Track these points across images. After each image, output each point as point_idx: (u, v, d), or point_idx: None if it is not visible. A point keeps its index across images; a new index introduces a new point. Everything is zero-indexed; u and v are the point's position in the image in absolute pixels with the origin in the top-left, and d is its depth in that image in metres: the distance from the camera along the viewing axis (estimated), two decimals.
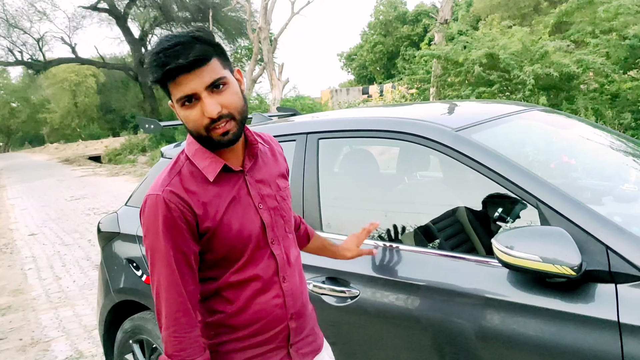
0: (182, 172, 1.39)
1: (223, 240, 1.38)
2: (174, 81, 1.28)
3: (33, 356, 4.06)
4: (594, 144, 2.61)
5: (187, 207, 1.34)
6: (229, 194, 1.41)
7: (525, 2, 26.96)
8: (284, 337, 1.51)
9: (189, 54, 1.26)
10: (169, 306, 1.35)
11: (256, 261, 1.44)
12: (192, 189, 1.36)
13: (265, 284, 1.45)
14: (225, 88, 1.32)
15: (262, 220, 1.45)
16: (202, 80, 1.28)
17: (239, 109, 1.35)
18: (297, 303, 1.53)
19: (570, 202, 1.66)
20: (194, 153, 1.41)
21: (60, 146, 42.86)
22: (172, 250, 1.33)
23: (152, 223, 1.34)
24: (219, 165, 1.39)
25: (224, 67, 1.34)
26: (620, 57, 8.72)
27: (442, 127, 2.03)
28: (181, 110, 1.33)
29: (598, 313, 1.53)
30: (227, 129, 1.33)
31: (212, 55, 1.30)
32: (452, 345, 1.82)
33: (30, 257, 7.34)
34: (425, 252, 2.02)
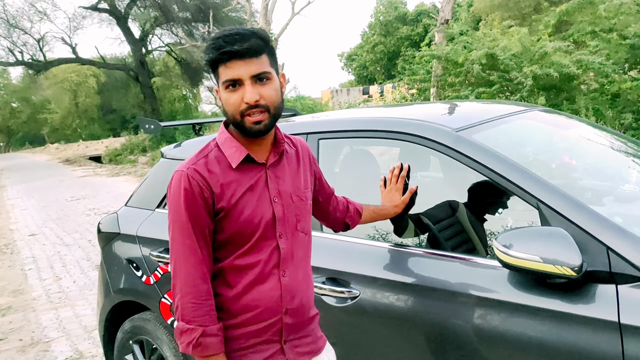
0: (209, 156, 1.52)
1: (234, 223, 1.48)
2: (225, 64, 1.43)
3: (33, 356, 4.06)
4: (595, 144, 2.61)
5: (206, 185, 1.46)
6: (248, 182, 1.51)
7: (525, 2, 26.94)
8: (277, 330, 1.55)
9: (245, 43, 1.41)
10: (187, 274, 1.45)
11: (261, 250, 1.52)
12: (215, 170, 1.49)
13: (264, 274, 1.52)
14: (268, 83, 1.46)
15: (274, 213, 1.53)
16: (250, 69, 1.42)
17: (275, 104, 1.48)
18: (294, 300, 1.57)
19: (570, 203, 1.66)
20: (224, 141, 1.54)
21: (60, 146, 42.87)
22: (191, 222, 1.45)
23: (175, 196, 1.47)
24: (243, 154, 1.51)
25: (271, 65, 1.48)
26: (620, 57, 8.71)
27: (443, 127, 2.03)
28: (224, 93, 1.46)
29: (599, 314, 1.52)
30: (260, 118, 1.45)
31: (264, 50, 1.45)
32: (453, 346, 1.81)
33: (31, 257, 7.34)
34: (426, 253, 2.02)
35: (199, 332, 1.43)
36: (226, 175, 1.49)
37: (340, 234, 2.22)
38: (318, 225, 2.23)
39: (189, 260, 1.45)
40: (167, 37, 31.87)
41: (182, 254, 1.46)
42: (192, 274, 1.45)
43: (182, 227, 1.45)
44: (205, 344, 1.43)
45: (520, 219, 2.33)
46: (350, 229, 1.99)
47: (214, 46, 1.43)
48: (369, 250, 2.11)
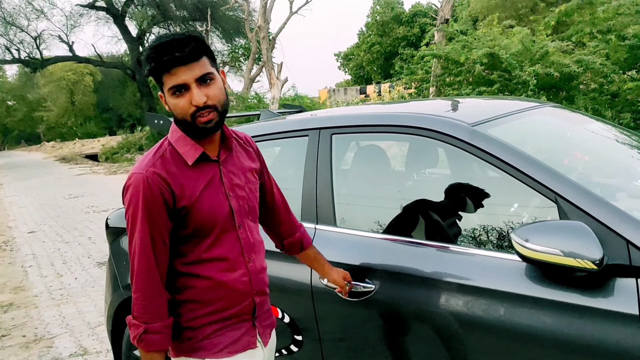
0: (165, 155, 1.57)
1: (195, 218, 1.56)
2: (168, 72, 1.48)
3: (37, 353, 4.04)
4: (607, 140, 2.62)
5: (166, 186, 1.52)
6: (204, 178, 1.59)
7: (522, 3, 27.03)
8: (249, 310, 1.69)
9: (185, 49, 1.46)
10: (139, 273, 1.53)
11: (223, 242, 1.62)
12: (172, 170, 1.55)
13: (232, 264, 1.63)
14: (212, 83, 1.52)
15: (230, 206, 1.62)
16: (193, 73, 1.48)
17: (222, 102, 1.55)
18: (260, 281, 1.72)
19: (590, 197, 1.66)
20: (177, 140, 1.59)
21: (56, 144, 42.71)
22: (148, 224, 1.51)
23: (134, 198, 1.52)
24: (198, 152, 1.58)
25: (211, 66, 1.54)
26: (619, 57, 8.75)
27: (458, 122, 2.03)
28: (171, 99, 1.52)
29: (619, 307, 1.53)
30: (210, 118, 1.52)
31: (203, 53, 1.51)
32: (469, 341, 1.82)
33: (31, 254, 7.31)
34: (441, 247, 2.02)
35: (142, 329, 1.52)
36: (184, 174, 1.56)
37: (356, 228, 2.22)
38: (332, 220, 2.24)
39: (142, 262, 1.52)
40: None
41: (137, 254, 1.53)
42: (144, 275, 1.53)
43: (139, 229, 1.52)
44: (147, 340, 1.53)
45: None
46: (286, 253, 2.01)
47: (154, 55, 1.47)
48: (384, 244, 2.11)
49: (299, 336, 2.25)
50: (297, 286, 2.21)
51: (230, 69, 32.80)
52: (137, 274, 1.53)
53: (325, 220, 2.25)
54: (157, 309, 1.54)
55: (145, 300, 1.53)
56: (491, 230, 2.48)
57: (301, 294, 2.20)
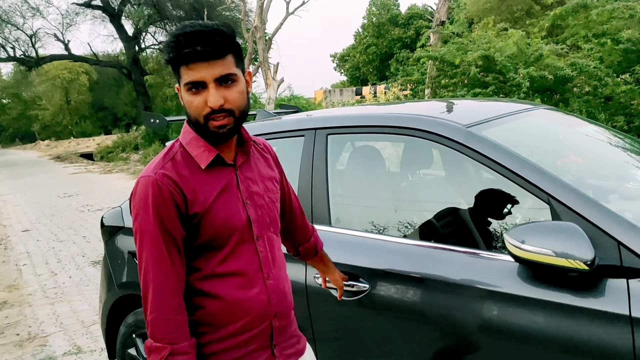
0: (176, 158, 1.43)
1: (209, 227, 1.40)
2: (187, 65, 1.33)
3: (31, 351, 4.04)
4: (600, 142, 2.65)
5: (177, 189, 1.37)
6: (219, 184, 1.44)
7: (518, 6, 27.13)
8: (267, 335, 1.50)
9: (209, 44, 1.31)
10: (157, 288, 1.35)
11: (240, 255, 1.45)
12: (184, 174, 1.40)
13: (249, 280, 1.46)
14: (233, 85, 1.37)
15: (248, 215, 1.47)
16: (214, 71, 1.33)
17: (241, 107, 1.40)
18: (281, 303, 1.53)
19: (582, 198, 1.69)
20: (189, 141, 1.45)
21: (51, 143, 42.57)
22: (161, 231, 1.36)
23: (142, 204, 1.37)
24: (212, 155, 1.43)
25: (236, 65, 1.39)
26: (613, 61, 8.80)
27: (453, 123, 2.05)
28: (186, 95, 1.37)
29: (610, 307, 1.55)
30: (224, 122, 1.37)
31: (229, 51, 1.36)
32: (462, 340, 1.83)
33: (25, 253, 7.29)
34: (436, 247, 2.04)
35: (167, 351, 1.34)
36: (197, 178, 1.41)
37: (351, 228, 2.24)
38: (327, 220, 2.25)
39: (158, 274, 1.36)
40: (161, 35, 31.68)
41: (151, 266, 1.36)
42: (162, 289, 1.36)
43: (152, 238, 1.36)
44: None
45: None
46: (300, 259, 1.95)
47: (174, 44, 1.32)
48: (378, 244, 2.12)
49: None
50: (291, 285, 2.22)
51: None
52: (155, 291, 1.35)
53: (320, 220, 2.26)
54: (181, 328, 1.36)
55: (167, 319, 1.35)
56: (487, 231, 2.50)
57: (295, 293, 2.19)
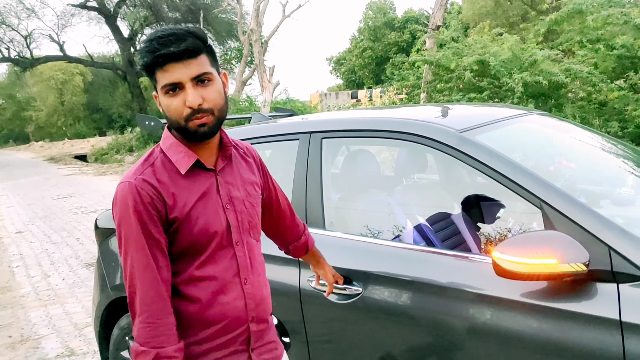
0: (155, 164, 1.43)
1: (188, 233, 1.41)
2: (162, 68, 1.34)
3: (23, 353, 4.02)
4: (592, 148, 2.67)
5: (157, 195, 1.38)
6: (198, 189, 1.44)
7: (513, 11, 27.29)
8: (244, 339, 1.52)
9: (181, 44, 1.33)
10: (143, 292, 1.36)
11: (218, 259, 1.46)
12: (164, 179, 1.41)
13: (226, 284, 1.46)
14: (210, 84, 1.38)
15: (227, 221, 1.48)
16: (189, 71, 1.34)
17: (219, 106, 1.41)
18: (259, 307, 1.54)
19: (574, 204, 1.70)
20: (169, 146, 1.46)
21: (45, 144, 42.39)
22: (144, 236, 1.36)
23: (124, 209, 1.38)
24: (192, 160, 1.44)
25: (211, 65, 1.40)
26: (608, 67, 8.86)
27: (447, 128, 2.06)
28: (164, 99, 1.38)
29: (601, 312, 1.56)
30: (204, 121, 1.37)
31: (202, 50, 1.38)
32: (454, 344, 1.84)
33: (18, 254, 7.26)
34: (428, 251, 2.05)
35: (152, 354, 1.33)
36: (176, 184, 1.42)
37: (344, 231, 2.25)
38: (321, 224, 2.26)
39: (144, 278, 1.36)
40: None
41: (137, 270, 1.36)
42: (148, 292, 1.35)
43: (136, 242, 1.36)
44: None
45: None
46: (290, 256, 1.95)
47: (148, 49, 1.34)
48: (372, 247, 2.13)
49: (287, 338, 2.26)
50: (285, 288, 2.23)
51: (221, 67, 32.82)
52: (142, 294, 1.35)
53: (314, 224, 2.27)
54: (168, 331, 1.36)
55: (153, 323, 1.34)
56: (479, 235, 2.52)
57: (289, 295, 2.22)
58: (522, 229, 2.28)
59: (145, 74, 1.41)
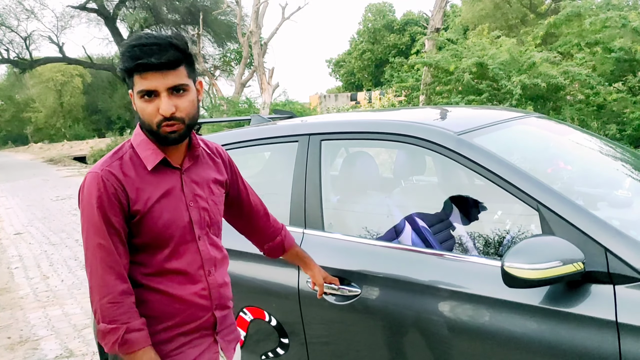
0: (124, 158, 1.52)
1: (150, 227, 1.49)
2: (140, 75, 1.42)
3: (22, 354, 4.03)
4: (590, 150, 2.68)
5: (120, 187, 1.46)
6: (163, 186, 1.53)
7: (512, 14, 27.34)
8: (210, 324, 1.62)
9: (162, 56, 1.40)
10: (104, 274, 1.44)
11: (183, 253, 1.55)
12: (129, 173, 1.49)
13: (191, 276, 1.56)
14: (184, 94, 1.47)
15: (190, 217, 1.56)
16: (166, 81, 1.43)
17: (191, 115, 1.49)
18: (222, 296, 1.65)
19: (571, 206, 1.71)
20: (139, 143, 1.54)
21: (44, 146, 42.37)
22: (105, 224, 1.44)
23: (88, 197, 1.46)
24: (159, 157, 1.52)
25: (188, 76, 1.48)
26: (606, 69, 8.89)
27: (445, 130, 2.07)
28: (139, 102, 1.46)
29: (597, 313, 1.57)
30: (174, 129, 1.46)
31: (182, 62, 1.46)
32: (452, 345, 1.85)
33: (17, 256, 7.27)
34: (426, 253, 2.06)
35: (122, 329, 1.41)
36: (142, 179, 1.50)
37: (343, 233, 2.26)
38: (320, 225, 2.27)
39: (104, 262, 1.44)
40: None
41: (98, 255, 1.44)
42: (110, 275, 1.43)
43: (96, 229, 1.44)
44: (131, 340, 1.43)
45: None
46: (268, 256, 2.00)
47: (129, 55, 1.40)
48: (370, 249, 2.14)
49: (286, 339, 2.27)
50: (284, 289, 2.24)
51: (221, 73, 32.77)
52: (102, 277, 1.43)
53: (313, 225, 2.28)
54: (131, 309, 1.45)
55: (118, 302, 1.43)
56: (477, 237, 2.53)
57: (288, 297, 2.23)
58: (520, 230, 2.29)
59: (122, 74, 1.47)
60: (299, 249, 2.03)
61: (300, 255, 2.02)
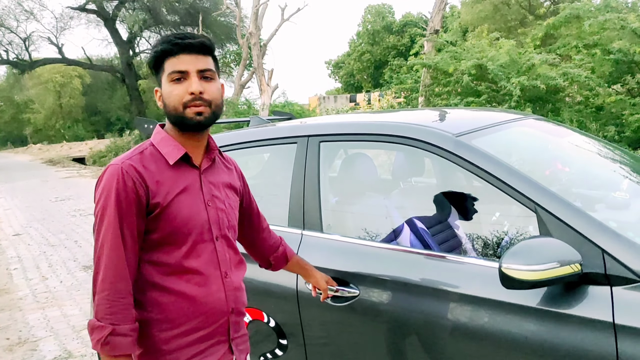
0: (144, 152, 1.53)
1: (169, 222, 1.49)
2: (174, 56, 1.49)
3: (21, 355, 4.03)
4: (587, 152, 2.69)
5: (141, 180, 1.46)
6: (183, 182, 1.54)
7: (511, 16, 27.37)
8: (224, 330, 1.60)
9: (196, 39, 1.51)
10: (107, 269, 1.43)
11: (200, 253, 1.54)
12: (150, 167, 1.50)
13: (208, 278, 1.55)
14: (212, 81, 1.53)
15: (208, 216, 1.56)
16: (198, 63, 1.50)
17: (217, 102, 1.54)
18: (238, 299, 1.63)
19: (568, 207, 1.72)
20: (160, 140, 1.56)
21: (43, 147, 42.31)
22: (119, 218, 1.43)
23: (107, 189, 1.46)
24: (181, 152, 1.54)
25: (215, 69, 1.56)
26: (605, 71, 8.90)
27: (443, 132, 2.08)
28: (168, 86, 1.50)
29: (594, 314, 1.58)
30: (202, 110, 1.49)
31: (211, 53, 1.55)
32: (451, 346, 1.86)
33: (16, 257, 7.26)
34: (425, 254, 2.07)
35: (108, 330, 1.40)
36: (162, 173, 1.50)
37: (342, 234, 2.26)
38: (318, 227, 2.27)
39: (111, 257, 1.43)
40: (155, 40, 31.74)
41: (106, 249, 1.43)
42: (113, 272, 1.42)
43: (110, 222, 1.43)
44: (113, 343, 1.40)
45: None
46: (272, 270, 1.98)
47: (164, 40, 1.50)
48: (369, 250, 2.15)
49: (284, 340, 2.28)
50: (283, 290, 2.25)
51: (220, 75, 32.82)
52: (106, 270, 1.42)
53: (312, 227, 2.28)
54: (125, 310, 1.43)
55: (113, 300, 1.41)
56: (476, 239, 2.54)
57: (287, 298, 2.23)
58: (517, 232, 2.30)
59: (150, 66, 1.55)
60: (299, 257, 2.03)
61: (301, 264, 2.02)
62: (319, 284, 2.02)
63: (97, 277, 1.44)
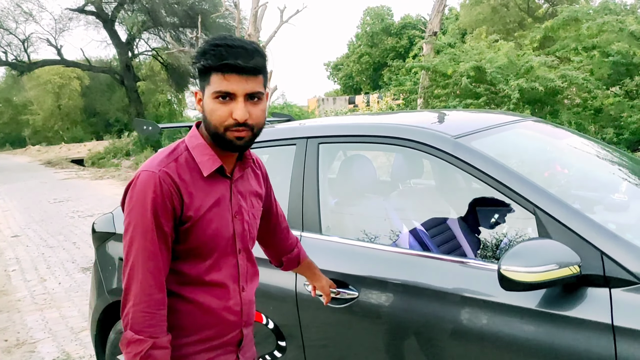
0: (179, 160, 1.46)
1: (200, 234, 1.45)
2: (222, 75, 1.37)
3: (19, 357, 4.02)
4: (586, 154, 2.69)
5: (176, 191, 1.41)
6: (215, 194, 1.49)
7: (510, 18, 27.44)
8: (236, 342, 1.59)
9: (250, 61, 1.37)
10: (143, 280, 1.38)
11: (222, 266, 1.52)
12: (185, 177, 1.44)
13: (227, 291, 1.53)
14: (258, 103, 1.43)
15: (234, 230, 1.53)
16: (247, 86, 1.38)
17: (260, 125, 1.45)
18: (250, 313, 1.63)
19: (567, 209, 1.72)
20: (195, 146, 1.49)
21: (42, 148, 42.27)
22: (155, 227, 1.38)
23: (141, 197, 1.40)
24: (216, 164, 1.48)
25: (264, 85, 1.44)
26: (603, 73, 8.93)
27: (442, 134, 2.08)
28: (211, 102, 1.40)
29: (593, 316, 1.58)
30: (243, 135, 1.41)
31: (262, 70, 1.42)
32: (449, 348, 1.86)
33: (14, 258, 7.25)
34: (424, 256, 2.07)
35: (149, 343, 1.36)
36: (195, 184, 1.45)
37: (341, 235, 2.26)
38: (317, 228, 2.27)
39: (147, 267, 1.38)
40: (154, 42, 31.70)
41: (141, 258, 1.38)
42: (149, 282, 1.38)
43: (145, 230, 1.38)
44: (154, 357, 1.37)
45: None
46: (282, 269, 1.97)
47: (214, 53, 1.36)
48: (368, 252, 2.15)
49: (283, 342, 2.28)
50: (282, 292, 2.25)
51: None
52: (142, 283, 1.37)
53: (311, 228, 2.28)
54: (162, 322, 1.40)
55: (152, 313, 1.37)
56: (474, 240, 2.54)
57: (286, 300, 2.23)
58: (516, 234, 2.30)
59: (194, 70, 1.44)
60: (310, 260, 2.01)
61: (310, 267, 2.00)
62: (324, 289, 2.01)
63: (130, 288, 1.39)
